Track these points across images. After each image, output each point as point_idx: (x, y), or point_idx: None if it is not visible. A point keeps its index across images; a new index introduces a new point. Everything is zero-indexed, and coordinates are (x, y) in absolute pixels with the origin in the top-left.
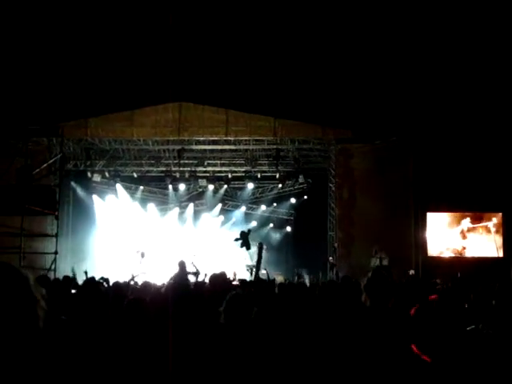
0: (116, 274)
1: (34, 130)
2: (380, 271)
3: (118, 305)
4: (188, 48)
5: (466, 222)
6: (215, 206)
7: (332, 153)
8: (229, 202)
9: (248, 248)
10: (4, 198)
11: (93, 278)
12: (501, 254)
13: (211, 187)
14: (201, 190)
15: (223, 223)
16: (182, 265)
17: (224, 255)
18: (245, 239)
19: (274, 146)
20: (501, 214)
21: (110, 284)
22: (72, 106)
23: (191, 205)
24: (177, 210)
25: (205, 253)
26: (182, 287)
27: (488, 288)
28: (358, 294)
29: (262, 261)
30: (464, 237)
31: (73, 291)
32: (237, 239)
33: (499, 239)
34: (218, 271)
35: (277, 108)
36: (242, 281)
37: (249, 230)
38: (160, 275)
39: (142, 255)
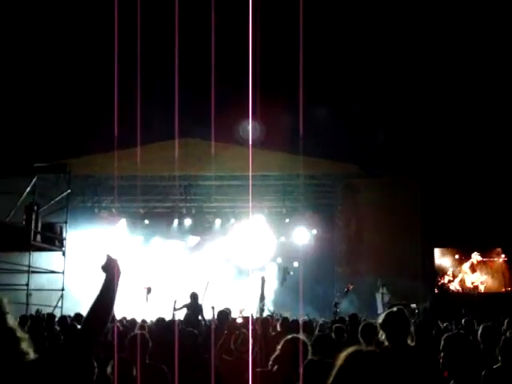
0: (124, 310)
1: (42, 167)
2: (402, 309)
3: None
4: (193, 84)
5: (476, 256)
6: (222, 240)
7: (339, 188)
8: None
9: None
10: (12, 234)
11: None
12: (509, 289)
13: (218, 222)
14: (208, 225)
15: (230, 257)
16: (193, 297)
17: (232, 289)
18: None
19: (281, 182)
20: (504, 249)
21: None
22: (79, 144)
23: (198, 239)
24: (183, 244)
25: (212, 287)
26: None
27: (496, 323)
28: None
29: (269, 297)
30: (473, 270)
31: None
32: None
33: (507, 274)
34: (224, 308)
35: (283, 143)
36: (246, 318)
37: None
38: (167, 310)
39: (149, 291)
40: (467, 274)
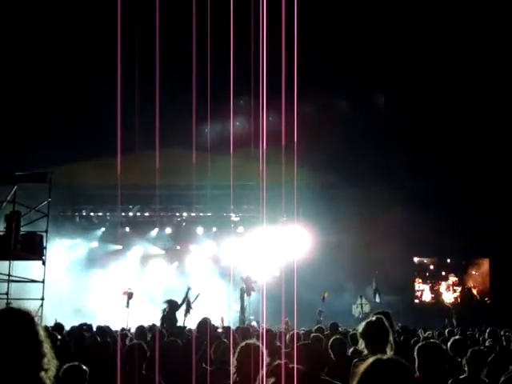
0: (106, 318)
1: (22, 176)
2: (381, 319)
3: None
4: (173, 97)
5: (452, 278)
6: (203, 248)
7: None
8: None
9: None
10: None
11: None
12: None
13: (199, 231)
14: (188, 234)
15: (211, 265)
16: (171, 303)
17: (212, 298)
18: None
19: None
20: (488, 259)
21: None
22: (60, 152)
23: (178, 247)
24: (163, 252)
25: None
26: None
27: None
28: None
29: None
30: (448, 290)
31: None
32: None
33: (485, 285)
34: (203, 317)
35: (262, 151)
36: (227, 328)
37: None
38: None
39: (130, 296)
40: (443, 295)
